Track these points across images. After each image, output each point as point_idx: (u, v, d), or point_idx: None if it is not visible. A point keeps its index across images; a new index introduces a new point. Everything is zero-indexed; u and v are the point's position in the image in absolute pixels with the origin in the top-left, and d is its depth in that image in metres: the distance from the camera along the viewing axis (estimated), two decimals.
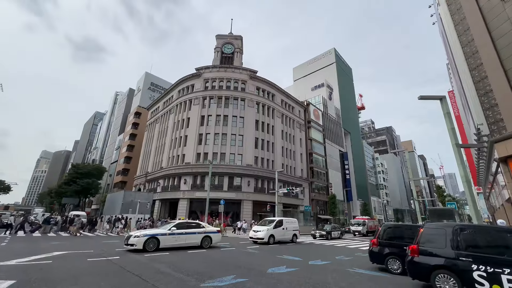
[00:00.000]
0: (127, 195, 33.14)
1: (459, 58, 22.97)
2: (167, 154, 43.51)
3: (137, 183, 51.96)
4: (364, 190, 71.32)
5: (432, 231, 6.34)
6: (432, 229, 6.38)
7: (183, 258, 9.40)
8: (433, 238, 6.16)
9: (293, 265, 8.77)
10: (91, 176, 56.21)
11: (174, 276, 6.45)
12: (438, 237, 6.08)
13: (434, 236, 6.17)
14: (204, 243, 12.41)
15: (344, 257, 11.38)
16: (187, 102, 44.09)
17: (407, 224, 8.95)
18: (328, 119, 64.00)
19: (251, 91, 44.29)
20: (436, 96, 12.84)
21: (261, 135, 42.89)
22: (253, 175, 39.26)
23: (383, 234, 8.85)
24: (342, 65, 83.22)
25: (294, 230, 17.95)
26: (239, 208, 37.82)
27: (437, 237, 6.09)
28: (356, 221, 32.46)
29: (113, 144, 78.63)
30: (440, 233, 6.09)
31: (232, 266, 8.14)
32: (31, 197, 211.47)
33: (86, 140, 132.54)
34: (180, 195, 37.76)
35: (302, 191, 47.45)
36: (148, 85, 73.49)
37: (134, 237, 10.57)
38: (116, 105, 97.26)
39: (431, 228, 6.44)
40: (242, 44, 49.58)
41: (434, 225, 6.59)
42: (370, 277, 7.43)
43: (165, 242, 11.04)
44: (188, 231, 11.96)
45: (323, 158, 56.61)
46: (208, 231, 12.77)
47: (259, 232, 15.82)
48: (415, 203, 20.78)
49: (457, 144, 11.72)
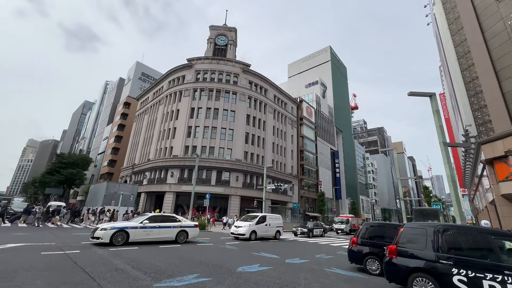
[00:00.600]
0: (110, 187, 32.02)
1: (451, 58, 22.78)
2: (155, 146, 42.41)
3: (124, 174, 50.68)
4: (353, 189, 71.84)
5: (412, 231, 5.88)
6: (413, 229, 5.92)
7: (150, 253, 8.74)
8: (414, 238, 5.71)
9: (268, 263, 8.24)
10: (76, 166, 54.45)
11: (129, 274, 5.80)
12: (418, 237, 5.62)
13: (415, 237, 5.71)
14: (179, 238, 11.75)
15: (325, 256, 10.95)
16: (177, 93, 42.93)
17: (390, 223, 8.54)
18: (321, 117, 63.79)
19: (243, 85, 43.43)
20: (426, 93, 12.44)
21: (252, 130, 42.23)
22: (242, 170, 38.67)
23: (364, 233, 8.40)
24: (337, 64, 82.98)
25: (278, 227, 17.49)
26: (226, 203, 37.25)
27: (418, 237, 5.63)
28: (339, 219, 32.16)
29: (101, 135, 76.53)
30: (420, 233, 5.63)
31: (200, 263, 7.54)
32: (16, 186, 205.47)
33: (74, 129, 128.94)
34: (166, 188, 36.88)
35: (291, 188, 47.23)
36: (139, 75, 71.49)
37: (100, 229, 9.82)
38: (105, 95, 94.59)
39: (412, 227, 5.98)
40: (236, 36, 48.48)
41: (414, 225, 6.12)
42: (347, 278, 6.96)
43: (135, 236, 10.33)
44: (162, 225, 11.27)
45: (314, 156, 56.47)
46: (184, 225, 12.12)
47: (241, 228, 15.27)
48: (401, 203, 20.64)
49: (445, 142, 11.37)
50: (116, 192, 31.44)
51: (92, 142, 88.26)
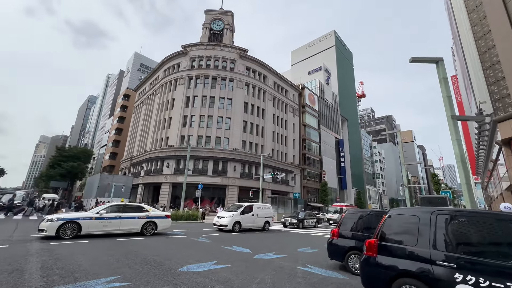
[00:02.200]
0: (103, 178, 31.28)
1: (464, 27, 20.26)
2: (151, 137, 41.42)
3: (123, 166, 50.27)
4: (359, 179, 69.69)
5: (401, 219, 4.23)
6: (402, 217, 4.26)
7: (94, 248, 7.44)
8: (402, 229, 4.09)
9: (230, 259, 6.81)
10: (76, 159, 54.34)
11: (23, 277, 4.45)
12: (408, 228, 4.00)
13: (404, 227, 4.09)
14: (146, 230, 10.46)
15: (309, 249, 9.45)
16: (173, 82, 41.46)
17: (379, 211, 6.91)
18: (325, 104, 61.31)
19: (241, 71, 41.50)
20: (431, 58, 10.46)
21: (250, 118, 40.54)
22: (240, 160, 37.28)
23: (347, 223, 6.80)
24: (342, 49, 79.39)
25: (267, 217, 16.05)
26: (224, 194, 36.13)
27: (407, 228, 4.01)
28: (333, 208, 29.95)
29: (104, 128, 76.43)
30: (411, 222, 3.99)
31: (142, 261, 6.16)
32: (30, 181, 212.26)
33: (80, 124, 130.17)
34: (162, 179, 35.98)
35: (293, 178, 45.70)
36: (137, 66, 70.26)
37: (46, 221, 8.58)
38: (107, 88, 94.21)
39: (400, 215, 4.31)
40: (233, 20, 46.24)
41: (404, 211, 4.42)
42: (319, 280, 5.44)
43: (89, 228, 9.07)
44: (124, 215, 9.97)
45: (317, 145, 54.48)
46: (152, 215, 10.79)
47: (223, 219, 13.91)
48: (404, 190, 18.75)
49: (453, 115, 9.48)
50: (110, 184, 30.69)
51: (96, 135, 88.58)
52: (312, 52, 78.87)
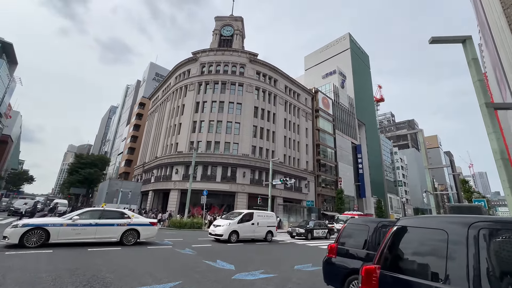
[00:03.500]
0: (112, 184, 31.26)
1: (495, 12, 17.91)
2: (162, 143, 41.46)
3: (136, 173, 50.81)
4: (380, 187, 65.55)
5: (417, 234, 2.69)
6: (418, 231, 2.71)
7: (47, 260, 6.41)
8: (419, 251, 2.57)
9: (199, 279, 5.47)
10: (94, 166, 55.90)
11: None
12: (430, 249, 2.47)
13: (422, 248, 2.56)
14: (126, 239, 9.37)
15: (309, 267, 7.85)
16: (183, 88, 41.54)
17: (388, 220, 5.27)
18: (340, 108, 58.86)
19: (251, 75, 40.74)
20: (457, 37, 8.71)
21: (261, 123, 39.37)
22: (250, 166, 35.98)
23: (348, 237, 5.23)
24: (357, 51, 76.81)
25: (270, 226, 14.48)
26: (233, 201, 34.82)
27: (428, 249, 2.49)
28: (344, 217, 26.95)
29: (121, 136, 78.81)
30: (434, 240, 2.46)
31: (87, 279, 4.99)
32: (57, 188, 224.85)
33: (102, 133, 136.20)
34: (171, 185, 35.46)
35: (306, 185, 43.51)
36: (152, 76, 72.26)
37: (11, 226, 7.76)
38: (126, 98, 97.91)
39: (416, 227, 2.76)
40: (243, 26, 46.03)
41: (421, 221, 2.84)
42: None
43: (59, 236, 8.13)
44: (101, 222, 8.97)
45: (333, 150, 51.96)
46: (134, 223, 9.72)
47: (219, 228, 12.57)
48: (429, 197, 16.31)
49: (488, 103, 7.64)
50: (118, 190, 30.55)
51: (115, 143, 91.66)
52: (326, 56, 77.04)
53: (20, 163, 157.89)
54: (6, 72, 66.58)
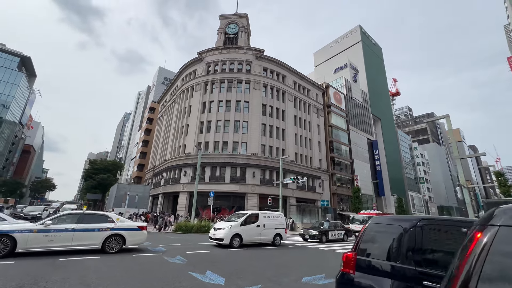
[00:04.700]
0: (120, 188, 30.96)
1: None
2: (170, 145, 40.98)
3: (147, 177, 50.76)
4: (399, 184, 61.90)
5: None
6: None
7: (9, 272, 5.30)
8: None
9: None
10: (107, 171, 56.59)
11: None
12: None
13: None
14: (108, 246, 8.21)
15: (321, 279, 6.29)
16: (189, 89, 40.92)
17: (448, 219, 3.52)
18: (353, 103, 56.21)
19: (257, 72, 39.45)
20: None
21: (269, 120, 37.89)
22: (260, 165, 34.55)
23: (370, 243, 3.65)
24: (369, 44, 73.62)
25: (278, 229, 12.92)
26: (244, 202, 33.48)
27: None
28: (360, 216, 23.52)
29: (134, 141, 79.93)
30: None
31: None
32: (79, 195, 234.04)
33: (118, 140, 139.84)
34: (180, 188, 34.68)
35: (320, 184, 41.43)
36: (161, 80, 72.78)
37: None
38: (138, 104, 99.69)
39: None
40: (248, 23, 44.94)
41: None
42: None
43: (27, 244, 7.08)
44: (80, 227, 7.86)
45: (347, 147, 49.46)
46: (119, 227, 8.55)
47: (219, 231, 11.21)
48: (463, 192, 14.07)
49: None
50: (125, 194, 30.08)
51: (128, 149, 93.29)
52: (336, 51, 74.42)
53: (44, 172, 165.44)
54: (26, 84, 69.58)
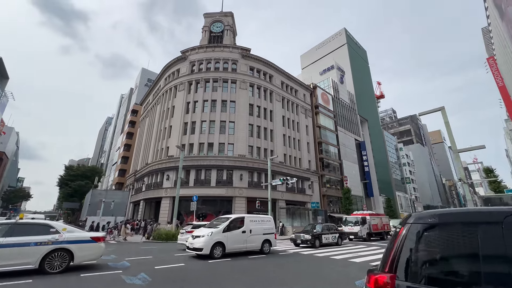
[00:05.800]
0: (95, 195, 28.39)
1: None
2: (153, 148, 38.67)
3: (129, 183, 47.82)
4: (387, 185, 62.21)
5: None
6: None
7: None
8: None
9: None
10: (85, 178, 52.94)
11: None
12: None
13: None
14: (49, 265, 6.40)
15: None
16: (173, 89, 38.98)
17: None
18: (340, 104, 56.14)
19: (244, 71, 38.19)
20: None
21: (257, 121, 36.59)
22: (247, 167, 33.03)
23: (418, 255, 2.23)
24: (354, 47, 74.64)
25: (267, 234, 11.43)
26: (231, 207, 31.71)
27: None
28: (353, 217, 22.18)
29: (115, 146, 76.18)
30: None
31: None
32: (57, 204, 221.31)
33: (100, 145, 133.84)
34: (162, 193, 32.42)
35: (310, 186, 40.39)
36: (145, 82, 70.11)
37: None
38: (120, 107, 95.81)
39: None
40: (233, 21, 43.80)
41: None
42: None
43: None
44: (8, 242, 6.03)
45: (336, 148, 48.96)
46: (66, 239, 6.76)
47: (198, 239, 9.57)
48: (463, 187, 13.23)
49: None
50: (101, 201, 27.53)
51: (110, 154, 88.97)
52: (322, 53, 74.85)
53: (20, 181, 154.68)
54: None
